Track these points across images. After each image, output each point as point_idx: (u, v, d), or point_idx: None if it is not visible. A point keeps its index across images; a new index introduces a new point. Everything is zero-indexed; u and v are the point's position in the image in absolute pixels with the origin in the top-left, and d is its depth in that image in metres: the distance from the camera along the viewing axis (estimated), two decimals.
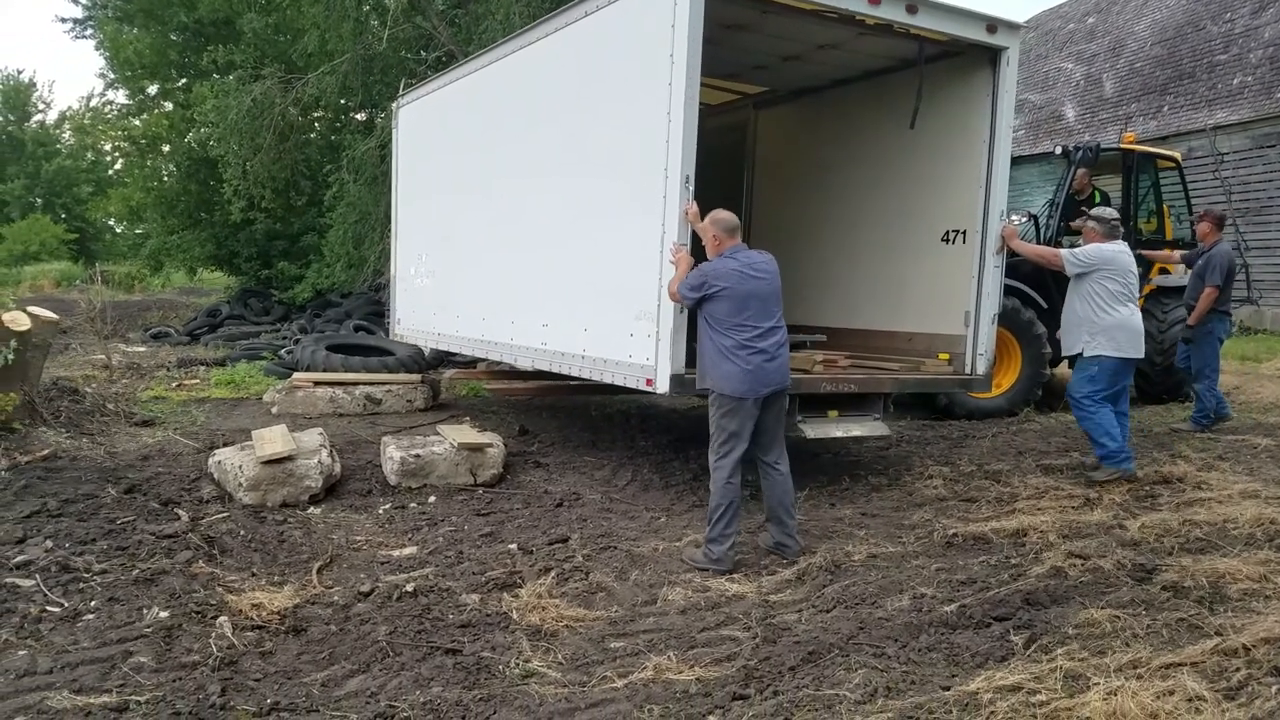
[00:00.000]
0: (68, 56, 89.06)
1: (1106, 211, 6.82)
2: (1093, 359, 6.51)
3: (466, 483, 6.47)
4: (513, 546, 5.17)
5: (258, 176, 16.05)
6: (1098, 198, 9.69)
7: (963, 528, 5.39)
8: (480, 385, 10.32)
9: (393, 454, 6.47)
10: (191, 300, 24.36)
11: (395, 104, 10.55)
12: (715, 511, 4.86)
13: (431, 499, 6.18)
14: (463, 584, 4.55)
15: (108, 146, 33.09)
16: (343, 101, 17.03)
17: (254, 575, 4.68)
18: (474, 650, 3.80)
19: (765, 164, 9.30)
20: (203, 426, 8.36)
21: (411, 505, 6.06)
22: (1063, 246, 8.30)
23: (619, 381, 6.15)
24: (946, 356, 6.94)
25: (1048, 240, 9.46)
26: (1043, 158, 10.93)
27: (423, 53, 15.33)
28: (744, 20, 6.54)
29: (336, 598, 4.37)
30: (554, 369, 7.02)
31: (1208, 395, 8.45)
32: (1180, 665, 3.46)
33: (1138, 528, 5.32)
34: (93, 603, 4.18)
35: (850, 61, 7.47)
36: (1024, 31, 6.62)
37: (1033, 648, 3.71)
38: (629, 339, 5.94)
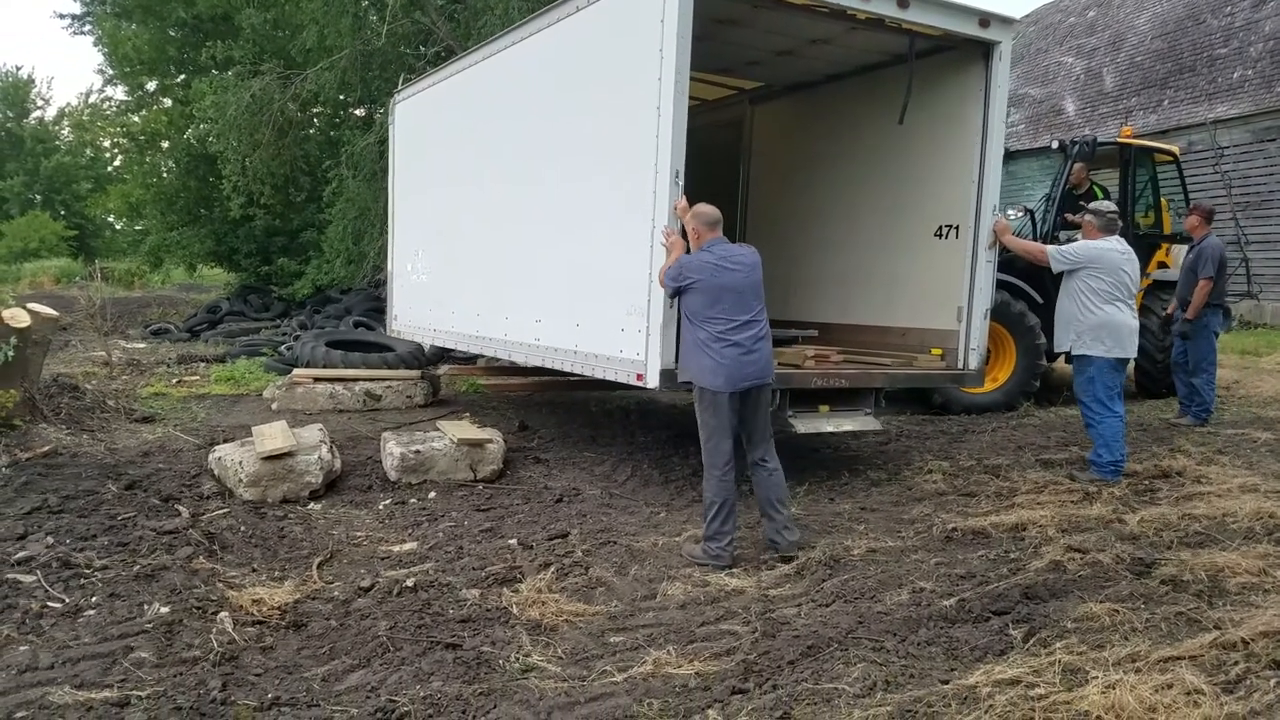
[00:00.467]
0: (66, 53, 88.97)
1: (1104, 205, 6.79)
2: (1084, 359, 6.50)
3: (466, 478, 6.48)
4: (513, 542, 5.18)
5: (257, 172, 16.06)
6: (1098, 193, 9.67)
7: (962, 522, 5.40)
8: (475, 381, 10.34)
9: (393, 450, 6.48)
10: (191, 297, 24.36)
11: (392, 100, 10.54)
12: (710, 509, 4.86)
13: (431, 494, 6.19)
14: (463, 579, 4.56)
15: (107, 143, 33.23)
16: (342, 97, 17.04)
17: (254, 571, 4.69)
18: (474, 645, 3.81)
19: (761, 159, 9.29)
20: (203, 423, 8.37)
21: (411, 501, 6.07)
22: (1059, 241, 8.30)
23: (610, 377, 6.14)
24: (939, 351, 6.93)
25: (1044, 235, 9.45)
26: (1040, 152, 10.92)
27: (421, 48, 15.30)
28: (736, 15, 6.53)
29: (337, 593, 4.38)
30: (547, 365, 7.01)
31: (1207, 389, 8.46)
32: (1179, 659, 3.47)
33: (1137, 522, 5.33)
34: (94, 598, 4.19)
35: (844, 57, 7.45)
36: (1017, 26, 6.61)
37: (1031, 641, 3.71)
38: (620, 334, 5.94)
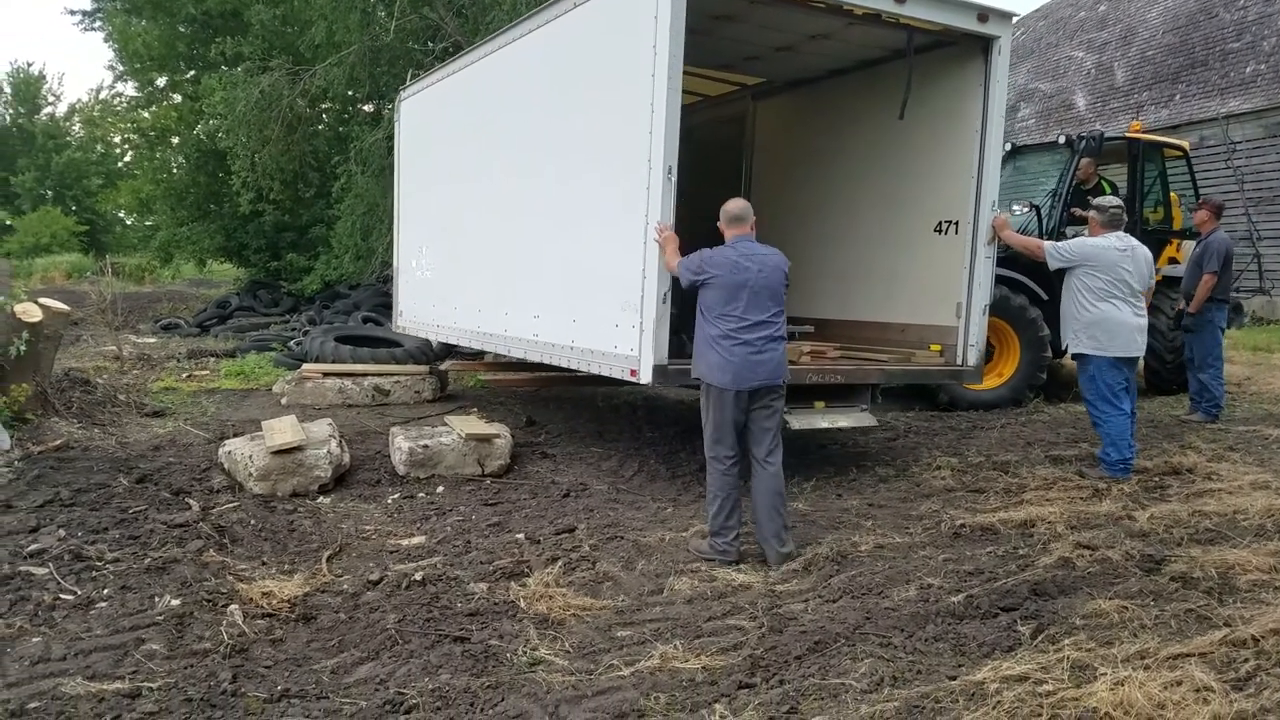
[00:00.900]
0: (77, 49, 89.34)
1: (1109, 200, 6.72)
2: (1083, 357, 6.45)
3: (474, 473, 6.49)
4: (520, 536, 5.20)
5: (266, 168, 16.07)
6: (1106, 188, 9.61)
7: (970, 518, 5.39)
8: (478, 376, 10.34)
9: (401, 444, 6.50)
10: (201, 292, 24.44)
11: (398, 97, 10.57)
12: (712, 504, 4.86)
13: (439, 489, 6.21)
14: (471, 573, 4.58)
15: (117, 139, 33.21)
16: (350, 93, 17.02)
17: (264, 564, 4.71)
18: (482, 638, 3.82)
19: (764, 155, 9.26)
20: (213, 417, 8.41)
21: (420, 495, 6.09)
22: (1065, 237, 8.24)
23: (605, 372, 6.14)
24: (938, 348, 6.91)
25: (1050, 231, 9.39)
26: (1047, 147, 10.86)
27: (430, 43, 15.30)
28: (732, 11, 6.53)
29: (346, 586, 4.40)
30: (545, 360, 7.02)
31: (1215, 385, 8.42)
32: (1188, 656, 3.45)
33: (1147, 518, 5.31)
34: (105, 591, 4.22)
35: (843, 52, 7.42)
36: (1017, 20, 6.58)
37: (1040, 638, 3.71)
38: (614, 330, 5.93)
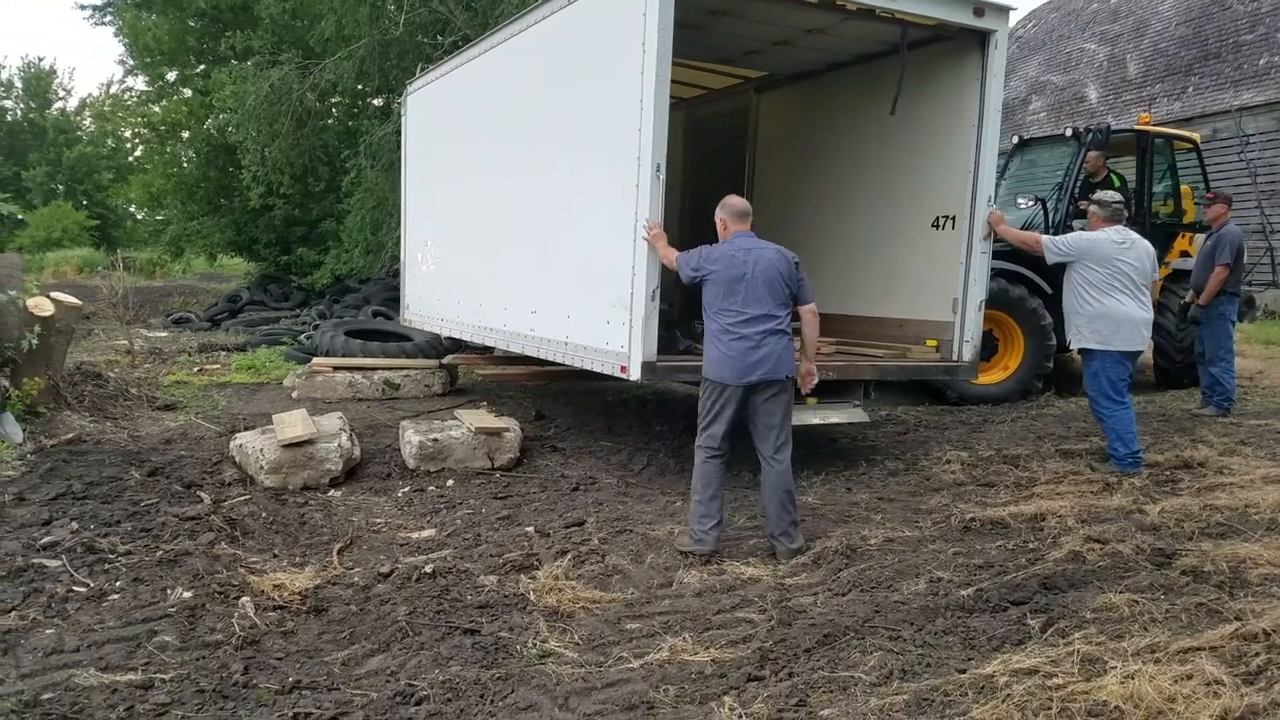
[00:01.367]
0: (87, 44, 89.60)
1: (1109, 195, 6.67)
2: (1086, 352, 6.42)
3: (484, 466, 6.51)
4: (530, 529, 5.21)
5: (276, 162, 16.11)
6: (1115, 181, 9.53)
7: (980, 512, 5.37)
8: (475, 370, 10.32)
9: (411, 438, 6.52)
10: (212, 286, 24.52)
11: (405, 91, 10.60)
12: (693, 494, 4.89)
13: (449, 482, 6.23)
14: (481, 566, 4.59)
15: (128, 133, 33.28)
16: (360, 87, 17.01)
17: (275, 556, 4.74)
18: (492, 630, 3.84)
19: (766, 148, 9.24)
20: (224, 411, 8.45)
21: (430, 488, 6.11)
22: (1073, 230, 8.19)
23: (597, 368, 6.16)
24: (934, 343, 6.90)
25: (1057, 224, 9.33)
26: (1054, 140, 10.78)
27: (439, 37, 15.28)
28: (727, 6, 6.54)
29: (356, 579, 4.42)
30: (541, 355, 7.06)
31: (1227, 378, 8.37)
32: (1199, 650, 3.44)
33: (1157, 512, 5.29)
34: (118, 583, 4.25)
35: (842, 46, 7.39)
36: (1028, 12, 6.53)
37: (1049, 632, 3.70)
38: (605, 326, 5.95)
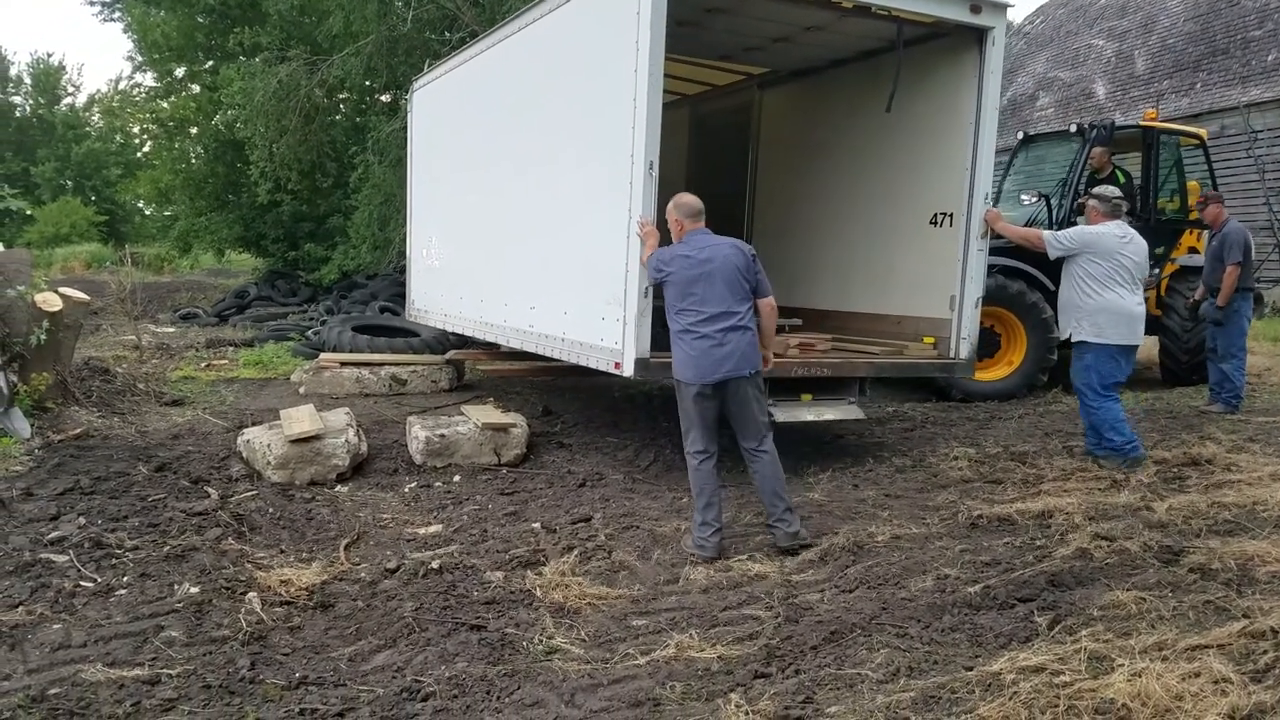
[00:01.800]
0: (96, 40, 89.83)
1: (1109, 190, 6.63)
2: (1081, 345, 6.39)
3: (490, 462, 6.51)
4: (536, 525, 5.21)
5: (284, 158, 16.15)
6: (1120, 177, 9.48)
7: (987, 509, 5.36)
8: (475, 365, 10.32)
9: (418, 434, 6.53)
10: (219, 281, 24.56)
11: (411, 87, 10.64)
12: (696, 499, 4.85)
13: (456, 478, 6.23)
14: (487, 561, 4.60)
15: (136, 129, 33.31)
16: (367, 83, 17.06)
17: (282, 552, 4.75)
18: (498, 626, 3.84)
19: (769, 144, 9.24)
20: (231, 406, 8.47)
21: (437, 484, 6.11)
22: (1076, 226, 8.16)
23: (593, 364, 6.18)
24: (932, 340, 6.89)
25: (1061, 220, 9.28)
26: (1058, 136, 10.73)
27: (447, 33, 15.29)
28: (724, 4, 6.55)
29: (363, 574, 4.43)
30: (539, 351, 7.08)
31: (1238, 375, 8.33)
32: (1206, 647, 3.42)
33: (1165, 509, 5.26)
34: (125, 578, 4.26)
35: (842, 43, 7.38)
36: (1036, 8, 6.51)
37: (1057, 629, 3.69)
38: (601, 322, 5.97)
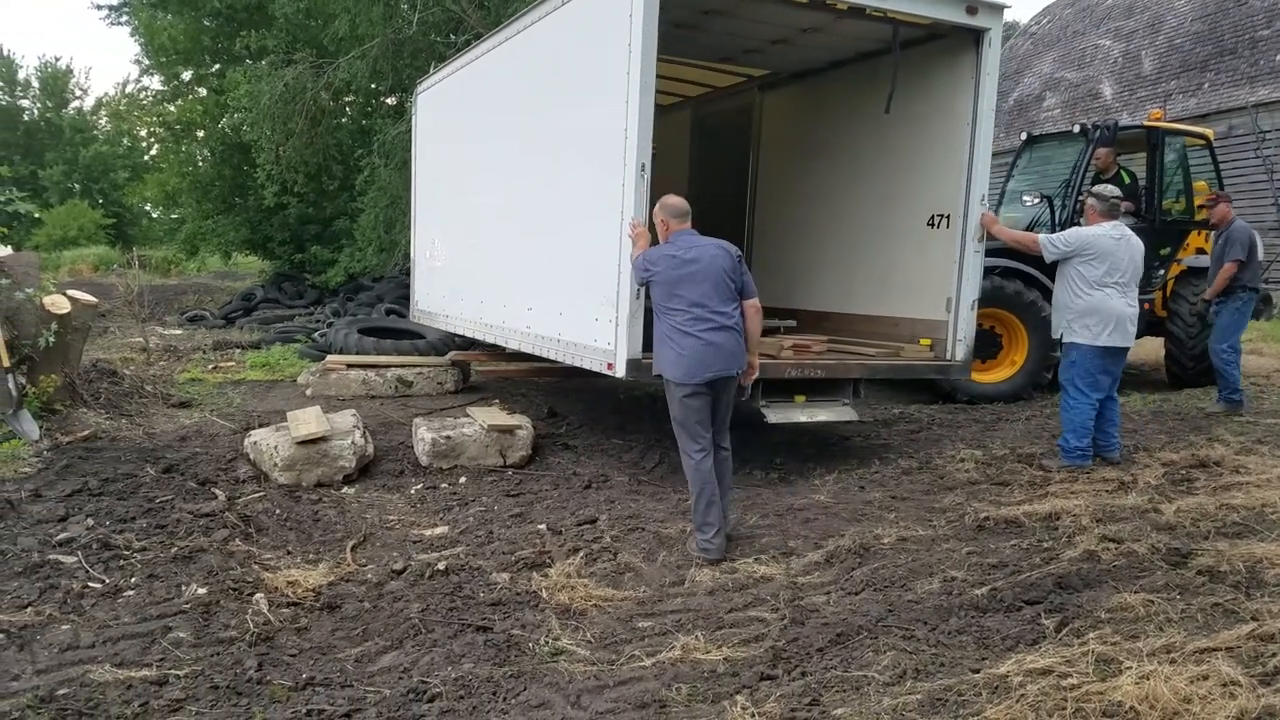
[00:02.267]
0: (103, 43, 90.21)
1: (1107, 188, 6.57)
2: (1070, 345, 6.37)
3: (496, 464, 6.52)
4: (542, 527, 5.22)
5: (290, 161, 16.20)
6: (1125, 178, 9.44)
7: (994, 511, 5.34)
8: (474, 366, 10.31)
9: (424, 435, 6.54)
10: (226, 284, 24.63)
11: (416, 90, 10.71)
12: (694, 501, 4.84)
13: (462, 479, 6.24)
14: (493, 563, 4.60)
15: (143, 132, 33.48)
16: (373, 86, 17.11)
17: (289, 553, 4.76)
18: (504, 628, 3.84)
19: (770, 145, 9.25)
20: (238, 408, 8.49)
21: (443, 486, 6.12)
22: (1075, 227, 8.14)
23: (587, 365, 6.20)
24: (928, 342, 6.89)
25: (1064, 221, 9.25)
26: (1061, 137, 10.70)
27: (452, 36, 15.34)
28: (721, 6, 6.56)
29: (370, 576, 4.44)
30: (536, 352, 7.12)
31: (1230, 370, 8.20)
32: (1215, 650, 3.41)
33: (1173, 512, 5.24)
34: (133, 579, 4.27)
35: (839, 45, 7.37)
36: (1043, 8, 6.50)
37: (1064, 631, 3.67)
38: (594, 324, 6.00)
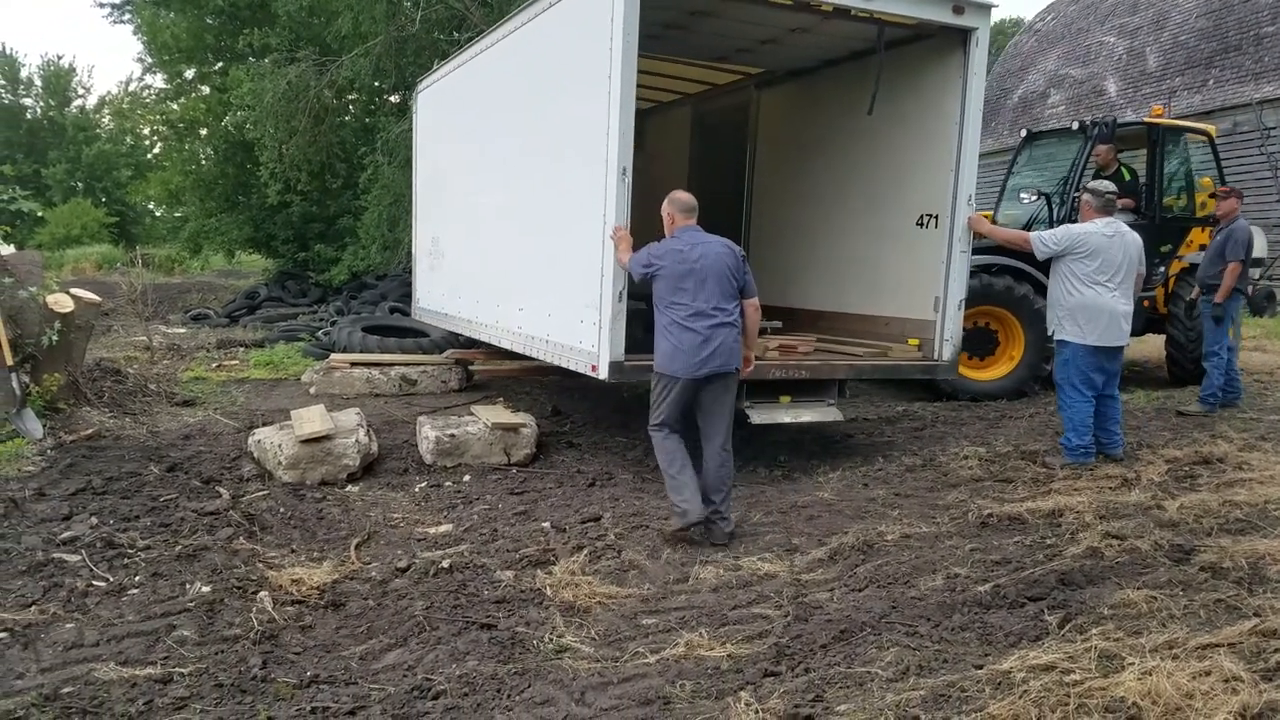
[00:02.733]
0: (106, 42, 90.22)
1: (1102, 184, 6.55)
2: (1061, 343, 6.36)
3: (500, 462, 6.53)
4: (546, 524, 5.22)
5: (294, 159, 16.20)
6: (1125, 175, 9.41)
7: (998, 508, 5.35)
8: (470, 364, 10.31)
9: (428, 433, 6.54)
10: (230, 282, 24.64)
11: (416, 88, 10.72)
12: (664, 471, 5.00)
13: (466, 478, 6.25)
14: (497, 561, 4.61)
15: (146, 130, 33.55)
16: (376, 84, 17.09)
17: (293, 551, 4.77)
18: (508, 625, 3.85)
19: (766, 144, 9.26)
20: (242, 406, 8.50)
21: (447, 484, 6.13)
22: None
23: (572, 366, 6.24)
24: (916, 342, 6.90)
25: (1062, 219, 9.21)
26: (1061, 133, 10.67)
27: (455, 33, 15.32)
28: (707, 7, 6.58)
29: (374, 573, 4.44)
30: (526, 352, 7.18)
31: (1216, 374, 8.18)
32: (1217, 646, 3.41)
33: (1176, 508, 5.24)
34: (137, 578, 4.29)
35: (829, 44, 7.36)
36: (1048, 5, 6.48)
37: (1067, 628, 3.68)
38: (579, 325, 6.05)
